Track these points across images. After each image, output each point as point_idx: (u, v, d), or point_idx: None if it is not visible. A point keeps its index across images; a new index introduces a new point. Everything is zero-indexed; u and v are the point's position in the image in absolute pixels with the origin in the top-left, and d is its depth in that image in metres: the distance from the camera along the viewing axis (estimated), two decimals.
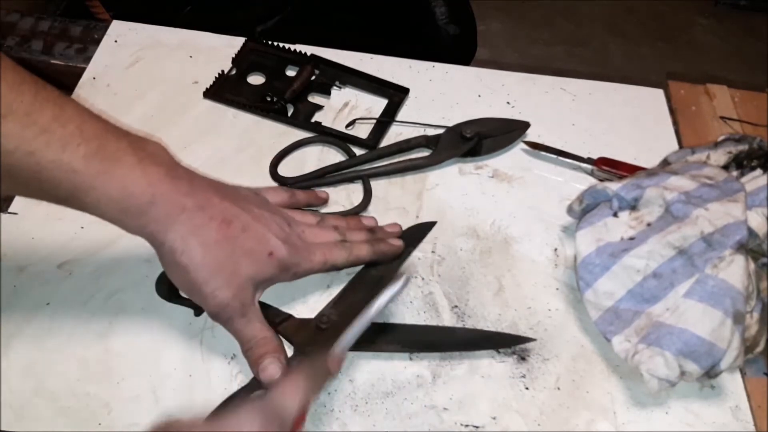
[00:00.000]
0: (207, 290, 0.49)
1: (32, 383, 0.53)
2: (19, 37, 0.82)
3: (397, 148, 0.71)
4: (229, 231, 0.50)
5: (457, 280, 0.62)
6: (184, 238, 0.48)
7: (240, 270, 0.50)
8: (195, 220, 0.48)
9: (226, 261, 0.49)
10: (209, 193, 0.50)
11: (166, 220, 0.47)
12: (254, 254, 0.51)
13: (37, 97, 0.45)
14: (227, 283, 0.49)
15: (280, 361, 0.51)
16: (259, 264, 0.51)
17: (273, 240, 0.52)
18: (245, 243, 0.50)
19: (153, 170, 0.47)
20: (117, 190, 0.46)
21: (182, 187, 0.49)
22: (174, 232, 0.48)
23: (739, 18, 2.31)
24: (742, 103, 0.80)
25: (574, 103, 0.79)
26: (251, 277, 0.50)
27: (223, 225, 0.50)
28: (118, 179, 0.46)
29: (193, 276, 0.49)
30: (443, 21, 1.20)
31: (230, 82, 0.76)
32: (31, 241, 0.61)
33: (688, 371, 0.53)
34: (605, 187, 0.62)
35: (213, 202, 0.50)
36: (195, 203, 0.49)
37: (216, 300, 0.49)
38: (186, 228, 0.48)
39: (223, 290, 0.49)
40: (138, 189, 0.46)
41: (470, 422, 0.54)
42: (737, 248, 0.56)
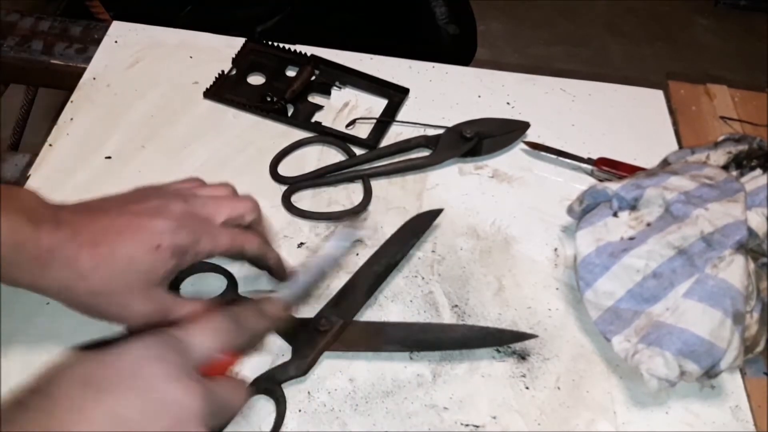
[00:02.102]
0: (114, 313, 0.47)
1: None
2: (19, 37, 0.82)
3: (397, 148, 0.71)
4: (100, 250, 0.46)
5: (457, 279, 0.62)
6: (61, 278, 0.45)
7: (131, 281, 0.47)
8: (63, 257, 0.45)
9: (111, 280, 0.46)
10: (76, 221, 0.47)
11: (36, 265, 0.45)
12: (138, 258, 0.47)
13: None
14: (128, 297, 0.47)
15: None
16: (147, 264, 0.47)
17: (158, 228, 0.47)
18: (125, 252, 0.47)
19: (13, 216, 0.44)
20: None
21: (45, 226, 0.45)
22: (48, 276, 0.45)
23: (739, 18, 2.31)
24: (742, 103, 0.80)
25: (574, 104, 0.79)
26: (146, 281, 0.47)
27: (93, 247, 0.46)
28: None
29: (94, 307, 0.47)
30: (443, 21, 1.20)
31: (230, 82, 0.76)
32: None
33: (687, 371, 0.53)
34: (605, 187, 0.62)
35: (79, 229, 0.47)
36: (60, 238, 0.45)
37: (131, 317, 0.47)
38: (58, 267, 0.45)
39: (131, 305, 0.47)
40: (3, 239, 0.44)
41: (470, 422, 0.54)
42: (737, 248, 0.56)
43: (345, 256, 0.50)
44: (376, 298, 0.60)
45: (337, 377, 0.55)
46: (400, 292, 0.61)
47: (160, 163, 0.68)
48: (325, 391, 0.54)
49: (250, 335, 0.45)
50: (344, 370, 0.56)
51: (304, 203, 0.67)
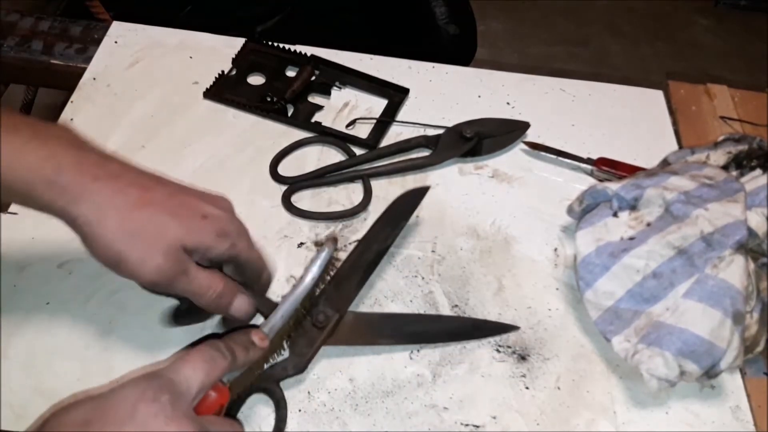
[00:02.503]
0: (132, 259, 0.44)
1: (32, 383, 0.53)
2: (19, 37, 0.82)
3: (397, 148, 0.71)
4: (151, 195, 0.45)
5: (457, 279, 0.62)
6: (99, 208, 0.43)
7: (167, 232, 0.44)
8: (109, 187, 0.44)
9: (149, 224, 0.44)
10: (125, 166, 0.46)
11: (76, 190, 0.43)
12: (182, 216, 0.45)
13: None
14: (153, 247, 0.44)
15: (245, 294, 0.49)
16: (189, 225, 0.45)
17: (209, 207, 0.47)
18: (171, 206, 0.45)
19: (54, 141, 0.44)
20: (15, 162, 0.42)
21: (92, 157, 0.45)
22: (87, 202, 0.43)
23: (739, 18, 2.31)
24: (742, 103, 0.80)
25: (574, 104, 0.79)
26: (180, 240, 0.45)
27: (144, 190, 0.45)
28: (15, 151, 0.42)
29: (114, 246, 0.44)
30: (443, 21, 1.20)
31: (230, 83, 0.76)
32: (31, 241, 0.61)
33: (687, 371, 0.53)
34: (605, 187, 0.62)
35: (129, 171, 0.46)
36: (108, 172, 0.44)
37: (146, 268, 0.44)
38: (100, 197, 0.43)
39: (151, 257, 0.44)
40: (38, 160, 0.43)
41: (470, 421, 0.54)
42: (737, 248, 0.56)
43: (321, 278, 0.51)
44: (376, 298, 0.60)
45: (337, 377, 0.55)
46: (400, 292, 0.61)
47: (160, 162, 0.68)
48: (325, 391, 0.54)
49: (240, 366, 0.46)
50: (344, 370, 0.56)
51: (304, 203, 0.67)
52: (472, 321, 0.60)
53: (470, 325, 0.59)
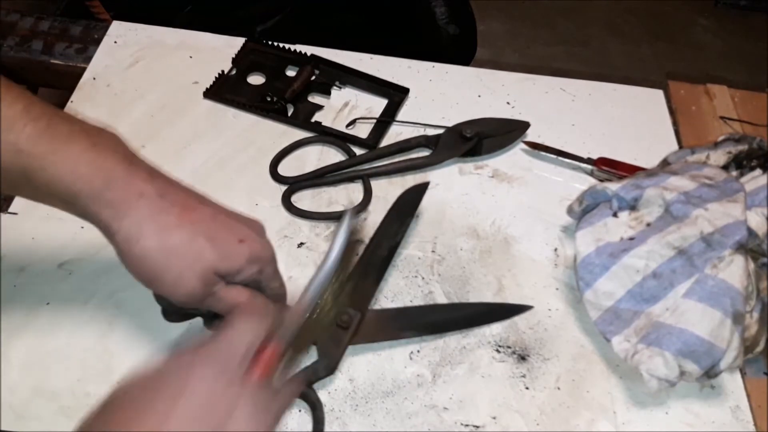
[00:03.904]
0: (167, 280, 0.45)
1: (32, 383, 0.53)
2: (19, 37, 0.82)
3: (397, 148, 0.71)
4: (192, 216, 0.46)
5: (457, 279, 0.62)
6: (141, 224, 0.44)
7: (203, 256, 0.45)
8: (154, 205, 0.45)
9: (187, 245, 0.45)
10: (171, 184, 0.47)
11: (122, 206, 0.44)
12: (220, 239, 0.46)
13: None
14: (188, 269, 0.45)
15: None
16: (226, 249, 0.46)
17: (246, 230, 0.48)
18: (210, 228, 0.46)
19: (108, 154, 0.45)
20: (68, 172, 0.43)
21: (140, 173, 0.46)
22: (130, 218, 0.44)
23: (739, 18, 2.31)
24: (742, 103, 0.80)
25: (574, 104, 0.79)
26: (214, 266, 0.46)
27: (186, 211, 0.46)
28: (70, 160, 0.43)
29: (151, 264, 0.45)
30: (443, 21, 1.20)
31: (230, 82, 0.76)
32: (31, 241, 0.61)
33: (687, 371, 0.53)
34: (605, 187, 0.62)
35: (174, 189, 0.47)
36: (155, 189, 0.45)
37: (179, 290, 0.46)
38: (143, 213, 0.44)
39: (186, 279, 0.45)
40: (91, 171, 0.44)
41: (470, 422, 0.54)
42: (737, 248, 0.56)
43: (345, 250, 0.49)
44: (377, 299, 0.60)
45: (337, 377, 0.55)
46: (400, 292, 0.61)
47: (160, 162, 0.68)
48: (325, 392, 0.54)
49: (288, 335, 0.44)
50: (344, 370, 0.56)
51: (304, 203, 0.67)
52: (487, 305, 0.61)
53: (486, 310, 0.60)
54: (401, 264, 0.63)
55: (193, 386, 0.38)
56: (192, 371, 0.39)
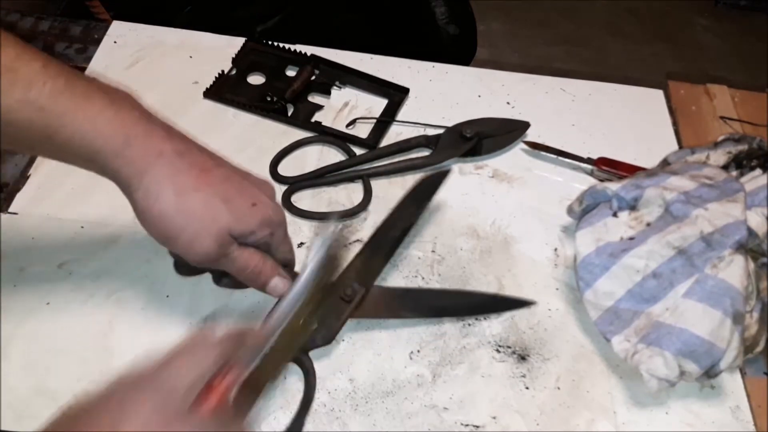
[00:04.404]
0: (184, 238, 0.47)
1: (32, 383, 0.53)
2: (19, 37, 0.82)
3: (397, 147, 0.71)
4: (209, 178, 0.47)
5: (457, 279, 0.62)
6: (160, 183, 0.45)
7: (219, 217, 0.47)
8: (173, 165, 0.46)
9: (203, 207, 0.47)
10: (188, 143, 0.48)
11: (141, 163, 0.45)
12: (235, 202, 0.48)
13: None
14: (205, 230, 0.47)
15: (284, 276, 0.52)
16: (239, 213, 0.48)
17: (259, 194, 0.50)
18: (226, 191, 0.48)
19: (126, 112, 0.46)
20: (88, 128, 0.44)
21: (159, 131, 0.47)
22: (149, 176, 0.45)
23: (739, 18, 2.31)
24: (742, 103, 0.80)
25: (574, 104, 0.79)
26: (229, 226, 0.47)
27: (203, 173, 0.47)
28: (90, 118, 0.44)
29: (169, 224, 0.46)
30: (443, 21, 1.20)
31: (230, 82, 0.76)
32: (31, 241, 0.61)
33: (687, 371, 0.53)
34: (605, 187, 0.62)
35: (191, 149, 0.48)
36: (173, 148, 0.46)
37: (195, 250, 0.47)
38: (162, 173, 0.45)
39: (201, 239, 0.47)
40: (111, 129, 0.44)
41: (470, 422, 0.54)
42: (737, 248, 0.56)
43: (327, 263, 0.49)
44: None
45: (337, 377, 0.55)
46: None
47: None
48: (325, 391, 0.54)
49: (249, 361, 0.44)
50: (344, 370, 0.56)
51: (304, 203, 0.67)
52: (492, 296, 0.61)
53: (490, 300, 0.61)
54: (401, 264, 0.63)
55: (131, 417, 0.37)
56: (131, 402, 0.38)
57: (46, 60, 0.44)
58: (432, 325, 0.59)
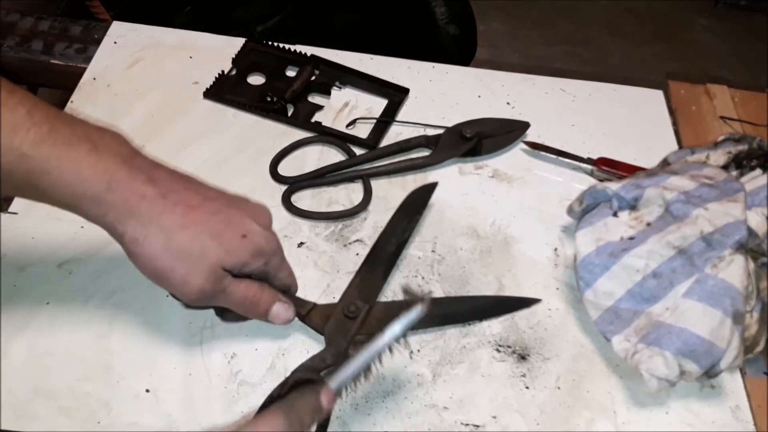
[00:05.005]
0: (176, 278, 0.47)
1: (32, 383, 0.53)
2: (19, 37, 0.82)
3: (397, 147, 0.71)
4: (195, 215, 0.47)
5: (457, 279, 0.62)
6: (145, 226, 0.46)
7: (208, 252, 0.47)
8: (156, 207, 0.46)
9: (191, 245, 0.47)
10: (173, 183, 0.48)
11: (125, 207, 0.45)
12: (224, 236, 0.48)
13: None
14: (195, 267, 0.47)
15: (284, 301, 0.52)
16: (230, 246, 0.48)
17: (250, 224, 0.50)
18: (214, 225, 0.48)
19: (108, 158, 0.46)
20: (71, 175, 0.44)
21: (141, 175, 0.47)
22: (134, 220, 0.46)
23: (739, 18, 2.31)
24: (742, 103, 0.80)
25: (574, 104, 0.79)
26: (220, 262, 0.48)
27: (189, 210, 0.47)
28: (72, 164, 0.44)
29: (158, 264, 0.47)
30: (443, 21, 1.20)
31: (230, 82, 0.76)
32: (31, 241, 0.61)
33: (687, 371, 0.53)
34: (605, 187, 0.62)
35: (176, 189, 0.48)
36: (156, 192, 0.46)
37: (188, 287, 0.47)
38: (146, 216, 0.46)
39: (193, 276, 0.47)
40: (93, 175, 0.45)
41: (470, 421, 0.54)
42: (737, 248, 0.56)
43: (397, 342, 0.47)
44: (382, 295, 0.60)
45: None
46: (401, 292, 0.61)
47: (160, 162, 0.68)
48: None
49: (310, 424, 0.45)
50: None
51: (304, 203, 0.67)
52: (495, 298, 0.61)
53: (494, 303, 0.61)
54: (401, 264, 0.63)
55: None
56: None
57: (32, 105, 0.45)
58: None
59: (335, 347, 0.54)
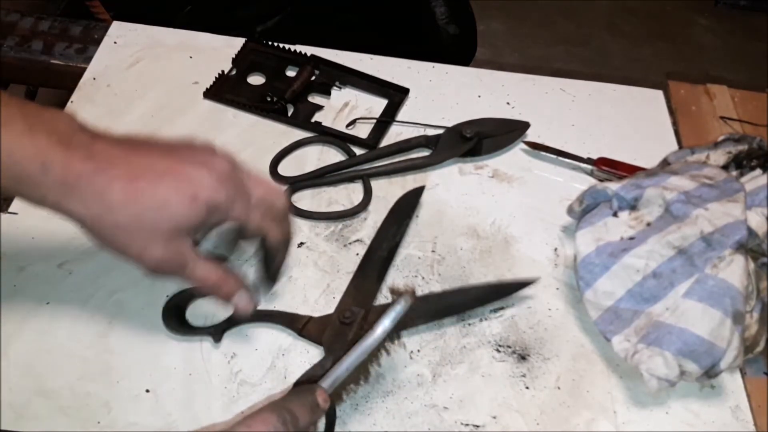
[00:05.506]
0: (133, 252, 0.47)
1: (32, 383, 0.53)
2: (19, 37, 0.82)
3: (397, 147, 0.71)
4: (136, 185, 0.46)
5: (457, 279, 0.62)
6: (88, 206, 0.45)
7: (159, 224, 0.46)
8: (95, 184, 0.45)
9: (140, 218, 0.46)
10: (112, 153, 0.46)
11: (63, 189, 0.45)
12: (172, 203, 0.47)
13: None
14: (151, 239, 0.47)
15: (246, 292, 0.52)
16: (179, 212, 0.47)
17: (199, 180, 0.47)
18: (159, 194, 0.46)
19: (43, 137, 0.44)
20: (5, 158, 0.43)
21: (78, 153, 0.45)
22: (75, 200, 0.45)
23: (739, 18, 2.31)
24: (742, 103, 0.80)
25: (574, 104, 0.79)
26: (174, 228, 0.47)
27: (128, 182, 0.46)
28: (5, 146, 0.43)
29: (115, 241, 0.47)
30: (443, 21, 1.20)
31: (230, 83, 0.76)
32: (31, 241, 0.61)
33: (687, 371, 0.53)
34: (605, 187, 0.62)
35: (116, 162, 0.46)
36: (93, 167, 0.45)
37: (147, 260, 0.47)
38: (87, 195, 0.45)
39: (151, 248, 0.47)
40: (25, 156, 0.44)
41: (470, 421, 0.54)
42: (737, 248, 0.56)
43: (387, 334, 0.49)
44: (377, 299, 0.60)
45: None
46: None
47: None
48: None
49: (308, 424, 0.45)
50: None
51: (304, 203, 0.67)
52: (492, 285, 0.61)
53: (492, 289, 0.61)
54: (401, 264, 0.63)
55: None
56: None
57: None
58: (432, 324, 0.59)
59: (334, 354, 0.54)
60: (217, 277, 0.51)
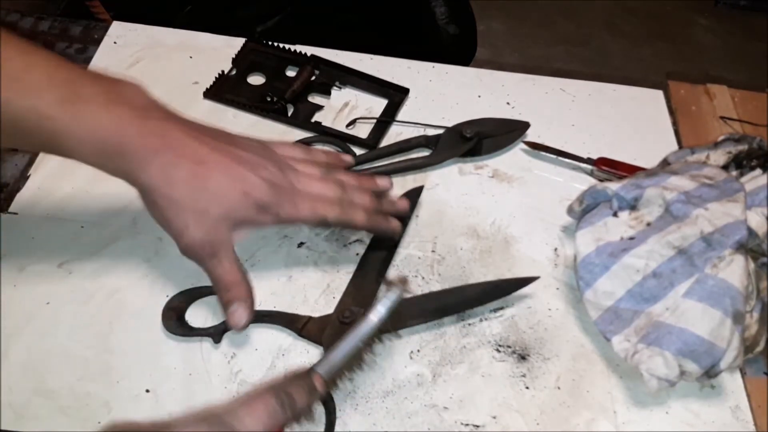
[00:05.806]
0: (177, 226, 0.50)
1: (32, 383, 0.53)
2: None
3: (397, 148, 0.71)
4: (200, 170, 0.50)
5: (457, 279, 0.62)
6: (155, 177, 0.49)
7: (210, 209, 0.50)
8: (165, 159, 0.49)
9: (195, 199, 0.50)
10: (183, 135, 0.51)
11: (138, 160, 0.48)
12: (226, 193, 0.51)
13: (7, 48, 0.46)
14: (197, 221, 0.50)
15: (247, 307, 0.52)
16: (231, 203, 0.51)
17: (252, 179, 0.52)
18: (217, 182, 0.50)
19: (120, 112, 0.48)
20: (88, 134, 0.47)
21: (152, 128, 0.49)
22: (146, 171, 0.49)
23: (739, 18, 2.32)
24: (742, 103, 0.80)
25: (574, 104, 0.79)
26: (223, 216, 0.51)
27: (195, 164, 0.50)
28: (88, 122, 0.47)
29: (165, 213, 0.50)
30: (443, 21, 1.20)
31: (230, 83, 0.76)
32: (31, 241, 0.61)
33: (687, 371, 0.53)
34: (605, 187, 0.62)
35: (185, 142, 0.50)
36: (165, 143, 0.49)
37: (186, 237, 0.50)
38: (157, 167, 0.49)
39: (193, 228, 0.50)
40: (106, 131, 0.47)
41: (470, 421, 0.54)
42: (737, 248, 0.56)
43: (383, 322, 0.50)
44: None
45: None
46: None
47: None
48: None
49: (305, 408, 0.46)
50: None
51: None
52: (492, 283, 0.61)
53: (492, 288, 0.61)
54: (401, 264, 0.63)
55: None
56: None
57: (53, 67, 0.47)
58: (432, 324, 0.59)
59: None
60: (234, 278, 0.52)
